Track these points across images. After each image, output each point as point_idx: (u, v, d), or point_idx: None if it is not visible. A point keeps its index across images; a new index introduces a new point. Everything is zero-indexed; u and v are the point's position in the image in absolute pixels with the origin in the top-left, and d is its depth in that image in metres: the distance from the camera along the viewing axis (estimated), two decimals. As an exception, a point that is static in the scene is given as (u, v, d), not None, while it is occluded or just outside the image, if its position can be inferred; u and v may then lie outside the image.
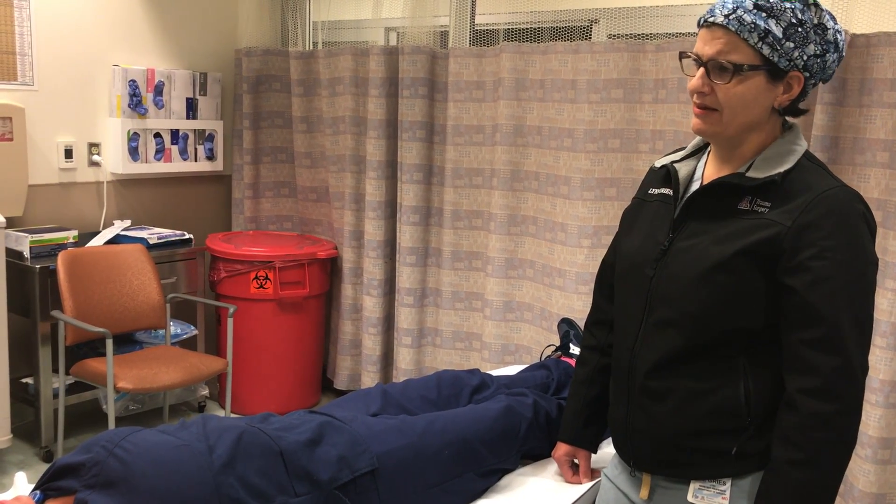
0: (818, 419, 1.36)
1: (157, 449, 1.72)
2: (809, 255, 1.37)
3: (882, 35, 2.62)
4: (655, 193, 1.61)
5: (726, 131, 1.46)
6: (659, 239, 1.54)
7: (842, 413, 1.37)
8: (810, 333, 1.37)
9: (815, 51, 1.41)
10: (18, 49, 3.61)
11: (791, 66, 1.41)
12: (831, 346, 1.36)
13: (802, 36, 1.39)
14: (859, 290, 1.38)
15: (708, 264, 1.43)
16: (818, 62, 1.43)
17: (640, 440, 1.55)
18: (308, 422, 1.94)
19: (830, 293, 1.36)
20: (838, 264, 1.36)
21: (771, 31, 1.38)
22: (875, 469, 2.67)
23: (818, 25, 1.40)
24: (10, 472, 3.34)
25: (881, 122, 2.63)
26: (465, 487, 2.02)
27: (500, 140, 3.53)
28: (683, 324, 1.46)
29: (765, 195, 1.43)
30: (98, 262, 3.48)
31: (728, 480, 1.47)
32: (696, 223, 1.49)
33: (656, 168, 1.64)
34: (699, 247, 1.46)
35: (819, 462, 1.37)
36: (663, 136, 3.18)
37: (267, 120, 4.39)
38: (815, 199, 1.39)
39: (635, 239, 1.60)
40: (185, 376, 3.26)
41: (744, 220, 1.43)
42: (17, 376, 3.55)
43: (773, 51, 1.39)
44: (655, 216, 1.58)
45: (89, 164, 3.92)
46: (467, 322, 3.82)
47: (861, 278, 1.38)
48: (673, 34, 3.18)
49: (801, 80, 1.43)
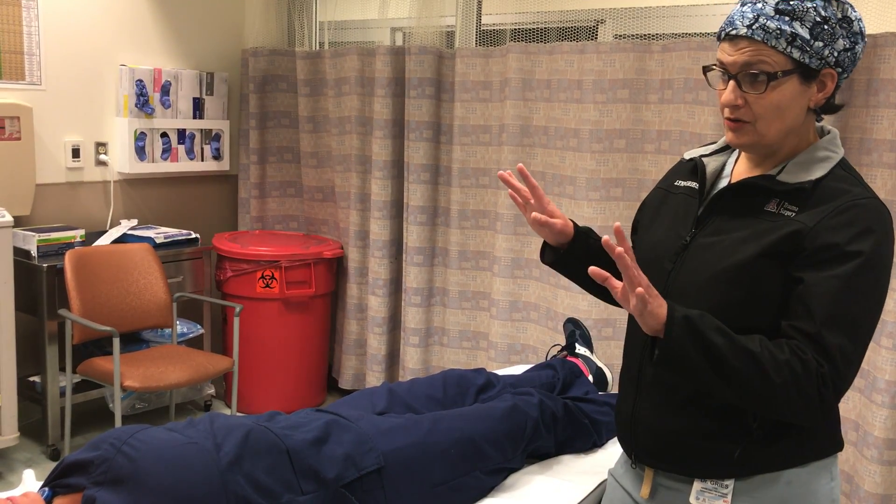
0: (792, 363, 1.30)
1: (165, 446, 1.72)
2: (827, 257, 1.34)
3: (889, 35, 2.62)
4: (682, 186, 1.58)
5: (764, 140, 1.43)
6: (681, 233, 1.51)
7: (806, 392, 1.30)
8: (804, 323, 1.34)
9: (845, 45, 1.38)
10: (26, 49, 3.62)
11: (823, 64, 1.38)
12: (819, 347, 1.32)
13: (830, 33, 1.36)
14: (866, 301, 1.35)
15: (728, 263, 1.41)
16: (849, 55, 1.40)
17: (644, 433, 1.54)
18: (314, 420, 1.94)
19: (836, 295, 1.33)
20: (854, 271, 1.33)
21: (798, 34, 1.35)
22: (881, 470, 2.67)
23: (843, 19, 1.37)
24: (18, 470, 3.35)
25: (888, 123, 2.63)
26: (470, 486, 2.02)
27: (506, 140, 3.54)
28: None
29: (794, 200, 1.40)
30: (105, 261, 3.50)
31: (731, 482, 1.45)
32: (720, 220, 1.47)
33: (686, 160, 1.61)
34: (721, 245, 1.44)
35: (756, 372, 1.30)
36: (669, 137, 3.18)
37: (273, 120, 4.40)
38: (843, 206, 1.36)
39: (658, 230, 1.58)
40: (191, 375, 3.27)
41: (769, 222, 1.40)
42: (24, 375, 3.56)
43: (803, 53, 1.36)
44: (679, 209, 1.55)
45: (96, 163, 3.94)
46: (474, 322, 3.82)
47: (871, 292, 1.35)
48: (679, 35, 3.18)
49: (834, 77, 1.40)
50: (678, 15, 3.23)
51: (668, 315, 1.32)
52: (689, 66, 3.05)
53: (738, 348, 1.31)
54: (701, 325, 1.32)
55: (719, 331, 1.32)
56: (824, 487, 1.46)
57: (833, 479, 1.48)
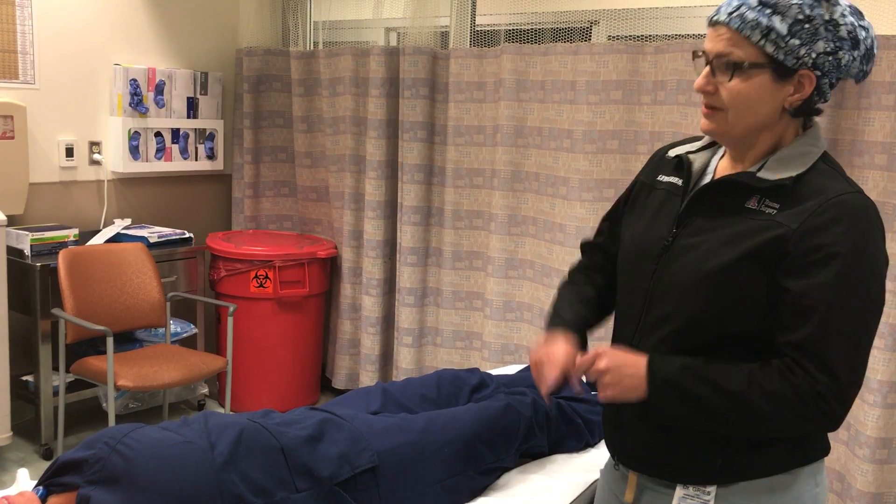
0: (782, 384, 1.31)
1: (160, 445, 1.73)
2: (812, 260, 1.31)
3: (880, 38, 2.63)
4: (664, 181, 1.56)
5: (732, 131, 1.41)
6: (662, 233, 1.50)
7: (797, 409, 1.31)
8: (798, 335, 1.32)
9: (826, 48, 1.35)
10: (20, 47, 3.62)
11: (799, 64, 1.35)
12: (817, 360, 1.30)
13: (811, 32, 1.33)
14: (860, 301, 1.32)
15: (711, 266, 1.39)
16: (830, 60, 1.36)
17: (628, 434, 1.54)
18: (309, 418, 1.95)
19: (827, 300, 1.30)
20: (842, 274, 1.30)
21: (774, 28, 1.33)
22: (873, 469, 2.68)
23: (829, 21, 1.34)
24: (11, 470, 3.34)
25: (879, 125, 2.65)
26: (464, 485, 2.03)
27: (500, 141, 3.55)
28: (682, 323, 1.43)
29: (775, 196, 1.38)
30: (98, 260, 3.49)
31: (713, 489, 1.44)
32: (701, 219, 1.45)
33: (670, 157, 1.58)
34: (703, 246, 1.42)
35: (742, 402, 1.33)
36: (662, 138, 3.19)
37: (267, 119, 4.40)
38: (826, 204, 1.33)
39: (640, 226, 1.56)
40: (184, 375, 3.27)
41: (750, 220, 1.38)
42: (17, 374, 3.56)
43: (777, 48, 1.34)
44: (662, 206, 1.53)
45: (90, 162, 3.93)
46: (467, 321, 3.83)
47: (865, 292, 1.32)
48: (672, 36, 3.19)
49: (812, 80, 1.36)
50: (671, 16, 3.25)
51: (649, 383, 1.38)
52: (682, 68, 3.06)
53: (724, 393, 1.34)
54: (683, 381, 1.36)
55: (702, 380, 1.35)
56: (809, 493, 1.44)
57: (818, 485, 1.46)
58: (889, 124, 2.62)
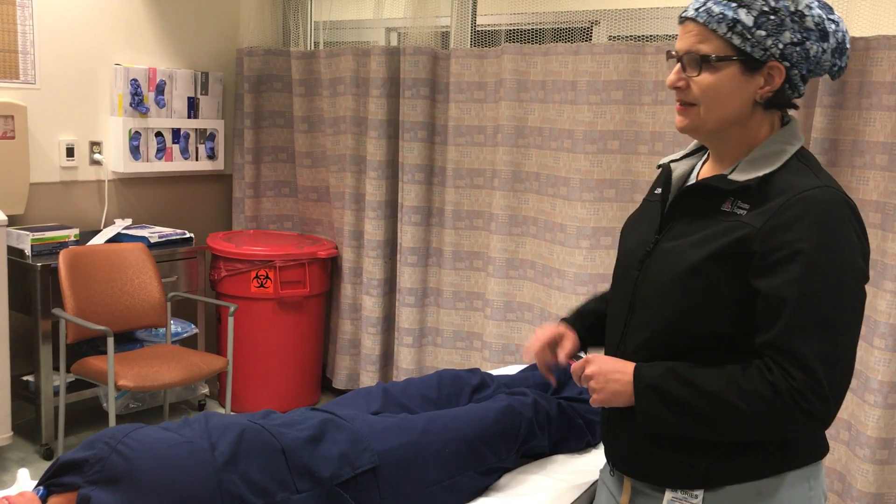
0: (761, 385, 1.32)
1: (160, 446, 1.73)
2: (778, 258, 1.31)
3: (881, 38, 2.63)
4: (656, 193, 1.59)
5: (705, 126, 1.42)
6: (648, 240, 1.52)
7: (779, 411, 1.31)
8: (771, 335, 1.32)
9: (793, 38, 1.36)
10: (21, 47, 3.62)
11: (767, 55, 1.36)
12: (792, 359, 1.30)
13: (776, 23, 1.35)
14: (831, 295, 1.30)
15: (682, 268, 1.40)
16: (798, 51, 1.37)
17: (618, 440, 1.56)
18: (310, 419, 1.95)
19: (795, 296, 1.30)
20: (809, 268, 1.29)
21: (740, 20, 1.35)
22: (873, 469, 2.68)
23: (795, 13, 1.36)
24: (11, 470, 3.35)
25: (880, 125, 2.65)
26: (465, 485, 2.03)
27: (501, 141, 3.55)
28: (660, 327, 1.44)
29: (744, 197, 1.39)
30: (99, 260, 3.49)
31: (700, 493, 1.44)
32: (681, 224, 1.47)
33: (657, 168, 1.63)
34: (678, 249, 1.43)
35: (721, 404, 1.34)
36: (662, 138, 3.19)
37: (268, 119, 4.40)
38: (790, 200, 1.33)
39: (631, 240, 1.59)
40: (185, 375, 3.27)
41: (723, 222, 1.39)
42: (17, 374, 3.56)
43: (743, 40, 1.35)
44: (651, 217, 1.56)
45: (91, 162, 3.93)
46: (468, 322, 3.83)
47: (835, 285, 1.30)
48: (673, 36, 3.19)
49: (781, 71, 1.38)
50: (672, 17, 3.25)
51: (635, 388, 1.42)
52: (683, 68, 3.06)
53: (703, 394, 1.36)
54: (665, 385, 1.39)
55: (684, 383, 1.38)
56: (800, 497, 1.43)
57: (812, 490, 1.44)
58: (890, 124, 2.62)
